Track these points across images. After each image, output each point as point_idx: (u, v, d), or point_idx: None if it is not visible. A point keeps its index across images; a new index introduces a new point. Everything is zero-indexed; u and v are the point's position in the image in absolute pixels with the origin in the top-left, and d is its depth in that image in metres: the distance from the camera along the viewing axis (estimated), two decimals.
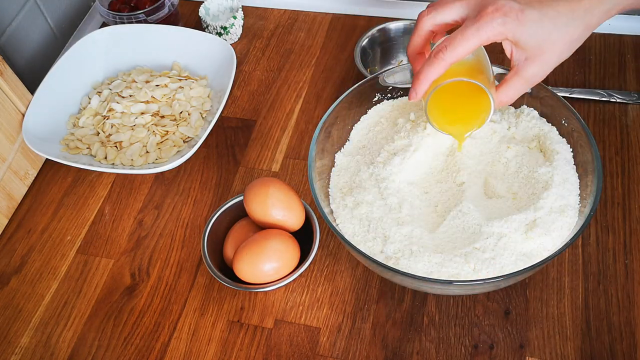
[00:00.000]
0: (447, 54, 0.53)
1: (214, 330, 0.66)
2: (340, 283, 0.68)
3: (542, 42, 0.53)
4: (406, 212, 0.63)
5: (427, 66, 0.54)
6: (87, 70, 0.88)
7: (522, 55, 0.55)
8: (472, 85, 0.56)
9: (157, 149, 0.79)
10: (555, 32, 0.53)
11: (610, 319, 0.62)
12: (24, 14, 0.90)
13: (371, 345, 0.63)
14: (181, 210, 0.76)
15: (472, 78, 0.56)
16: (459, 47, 0.53)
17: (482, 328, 0.63)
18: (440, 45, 0.54)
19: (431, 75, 0.55)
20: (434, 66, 0.54)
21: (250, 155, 0.81)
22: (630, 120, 0.77)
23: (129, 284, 0.70)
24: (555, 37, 0.53)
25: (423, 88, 0.56)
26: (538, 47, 0.53)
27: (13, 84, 0.77)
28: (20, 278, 0.72)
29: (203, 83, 0.86)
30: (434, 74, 0.54)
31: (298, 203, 0.66)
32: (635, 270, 0.65)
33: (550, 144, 0.65)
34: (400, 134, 0.68)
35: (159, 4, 0.90)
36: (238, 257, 0.63)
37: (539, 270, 0.64)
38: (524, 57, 0.55)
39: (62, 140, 0.81)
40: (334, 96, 0.85)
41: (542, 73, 0.55)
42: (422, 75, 0.55)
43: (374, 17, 0.94)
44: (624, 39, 0.86)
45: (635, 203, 0.70)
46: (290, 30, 0.95)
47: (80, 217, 0.77)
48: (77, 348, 0.66)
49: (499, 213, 0.62)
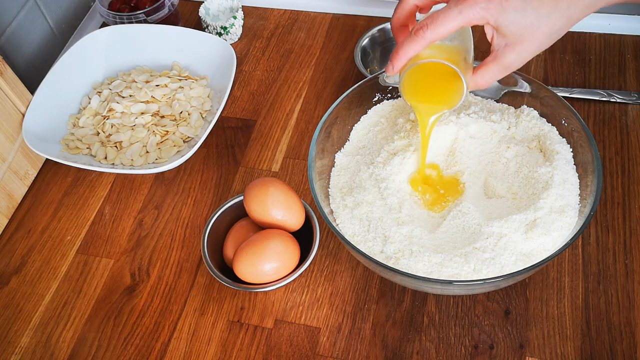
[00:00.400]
0: (428, 32, 0.53)
1: (214, 330, 0.66)
2: (340, 283, 0.68)
3: (523, 30, 0.53)
4: (406, 212, 0.63)
5: (407, 42, 0.55)
6: (87, 70, 0.88)
7: (502, 42, 0.55)
8: (449, 67, 0.56)
9: (157, 149, 0.79)
10: (537, 21, 0.53)
11: (610, 319, 0.62)
12: (24, 14, 0.90)
13: (371, 345, 0.63)
14: (181, 210, 0.76)
15: (451, 59, 0.56)
16: (440, 27, 0.53)
17: (482, 328, 0.63)
18: (421, 23, 0.54)
19: (410, 52, 0.55)
20: (413, 43, 0.54)
21: (250, 155, 0.81)
22: (630, 120, 0.77)
23: (129, 284, 0.70)
24: (537, 27, 0.53)
25: (400, 63, 0.56)
26: (519, 35, 0.53)
27: (13, 84, 0.77)
28: (20, 278, 0.72)
29: (203, 83, 0.86)
30: (412, 50, 0.55)
31: (298, 203, 0.66)
32: (635, 270, 0.65)
33: (550, 144, 0.65)
34: (400, 134, 0.68)
35: (159, 4, 0.90)
36: (238, 257, 0.63)
37: (539, 270, 0.64)
38: (504, 43, 0.55)
39: (62, 140, 0.81)
40: (334, 96, 0.85)
41: (520, 61, 0.56)
42: (402, 51, 0.55)
43: (374, 17, 0.94)
44: (624, 39, 0.86)
45: (635, 203, 0.70)
46: (290, 30, 0.95)
47: (80, 217, 0.77)
48: (77, 348, 0.66)
49: (499, 213, 0.62)
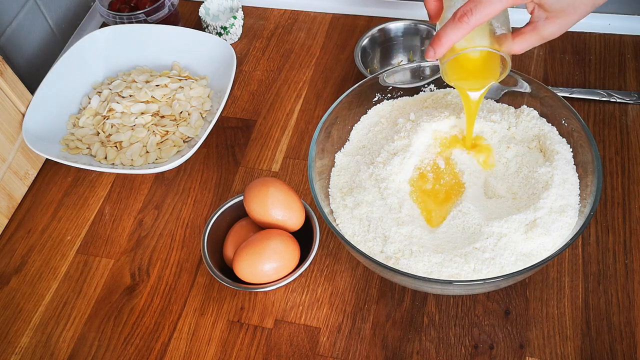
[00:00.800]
0: (473, 18, 0.52)
1: (214, 330, 0.66)
2: (340, 283, 0.68)
3: (567, 6, 0.53)
4: (406, 212, 0.63)
5: (451, 29, 0.53)
6: (87, 70, 0.88)
7: (542, 14, 0.55)
8: None
9: (157, 149, 0.79)
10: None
11: (610, 319, 0.62)
12: (24, 14, 0.90)
13: (371, 345, 0.63)
14: (181, 210, 0.76)
15: (491, 39, 0.56)
16: (484, 11, 0.52)
17: (482, 328, 0.63)
18: (465, 8, 0.52)
19: (454, 37, 0.54)
20: (457, 29, 0.53)
21: (250, 155, 0.81)
22: (630, 120, 0.77)
23: (129, 284, 0.70)
24: (580, 2, 0.53)
25: (443, 50, 0.55)
26: (561, 10, 0.54)
27: (13, 84, 0.77)
28: (20, 278, 0.72)
29: (203, 83, 0.85)
30: (456, 36, 0.53)
31: (298, 203, 0.66)
32: (635, 270, 0.65)
33: (550, 144, 0.65)
34: (400, 134, 0.68)
35: (159, 4, 0.90)
36: (238, 257, 0.63)
37: (539, 270, 0.64)
38: (545, 16, 0.55)
39: (62, 140, 0.81)
40: (334, 96, 0.85)
41: (560, 32, 0.56)
42: (445, 37, 0.54)
43: (374, 17, 0.94)
44: (624, 39, 0.86)
45: (635, 203, 0.70)
46: (290, 30, 0.95)
47: (80, 217, 0.77)
48: (77, 348, 0.66)
49: (499, 213, 0.62)
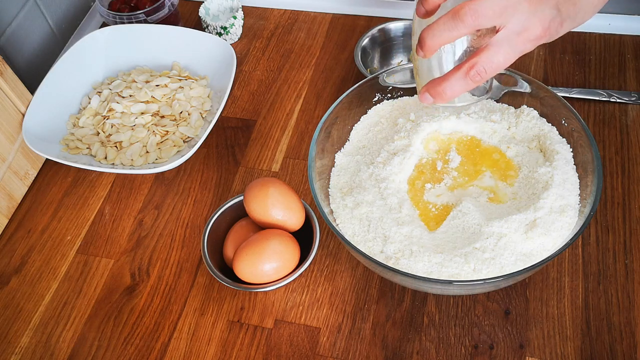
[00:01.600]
0: (486, 76, 0.51)
1: (214, 330, 0.66)
2: (340, 283, 0.68)
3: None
4: (406, 212, 0.63)
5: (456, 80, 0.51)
6: (87, 70, 0.88)
7: None
8: None
9: (157, 149, 0.79)
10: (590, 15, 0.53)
11: (610, 319, 0.62)
12: (24, 14, 0.90)
13: (371, 345, 0.63)
14: (181, 210, 0.76)
15: None
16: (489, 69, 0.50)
17: (482, 328, 0.63)
18: (478, 68, 0.50)
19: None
20: (466, 85, 0.51)
21: (250, 155, 0.81)
22: (630, 120, 0.77)
23: (129, 284, 0.70)
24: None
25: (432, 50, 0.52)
26: None
27: (13, 84, 0.77)
28: (20, 278, 0.72)
29: (203, 83, 0.85)
30: (461, 90, 0.52)
31: (298, 203, 0.66)
32: (635, 270, 0.65)
33: (550, 144, 0.65)
34: (400, 134, 0.68)
35: (159, 4, 0.90)
36: (238, 257, 0.63)
37: (539, 270, 0.64)
38: None
39: (62, 140, 0.81)
40: (334, 96, 0.85)
41: None
42: (449, 89, 0.52)
43: (374, 17, 0.94)
44: (624, 39, 0.86)
45: (635, 203, 0.70)
46: (290, 30, 0.95)
47: (80, 217, 0.77)
48: (77, 348, 0.66)
49: (499, 213, 0.62)
